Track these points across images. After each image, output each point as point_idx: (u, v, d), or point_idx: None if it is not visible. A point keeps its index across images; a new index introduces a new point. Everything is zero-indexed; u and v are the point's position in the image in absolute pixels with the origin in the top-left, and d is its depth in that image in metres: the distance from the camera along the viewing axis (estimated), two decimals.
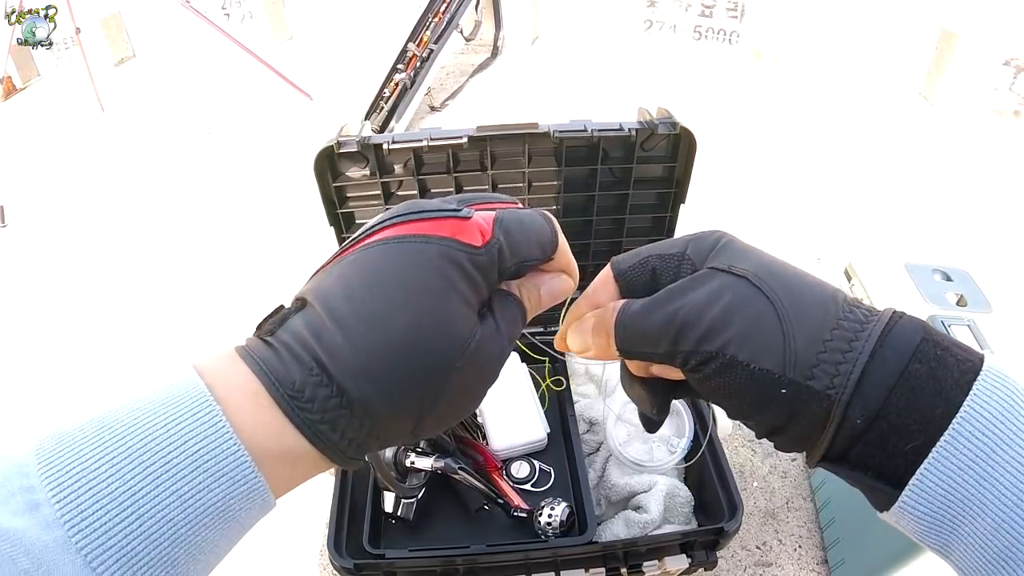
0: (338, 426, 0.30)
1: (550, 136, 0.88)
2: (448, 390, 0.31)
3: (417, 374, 0.30)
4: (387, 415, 0.30)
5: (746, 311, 0.32)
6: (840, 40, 2.78)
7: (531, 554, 0.81)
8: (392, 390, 0.30)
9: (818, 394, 0.30)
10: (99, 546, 0.25)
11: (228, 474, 0.28)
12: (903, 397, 0.29)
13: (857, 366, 0.30)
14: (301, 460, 0.30)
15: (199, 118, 2.80)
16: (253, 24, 3.40)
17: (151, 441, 0.27)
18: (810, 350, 0.31)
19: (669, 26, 3.14)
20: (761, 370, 0.31)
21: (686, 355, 0.33)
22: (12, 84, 3.07)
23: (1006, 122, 2.51)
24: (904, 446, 0.29)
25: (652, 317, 0.34)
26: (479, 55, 3.15)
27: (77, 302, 1.94)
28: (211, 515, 0.28)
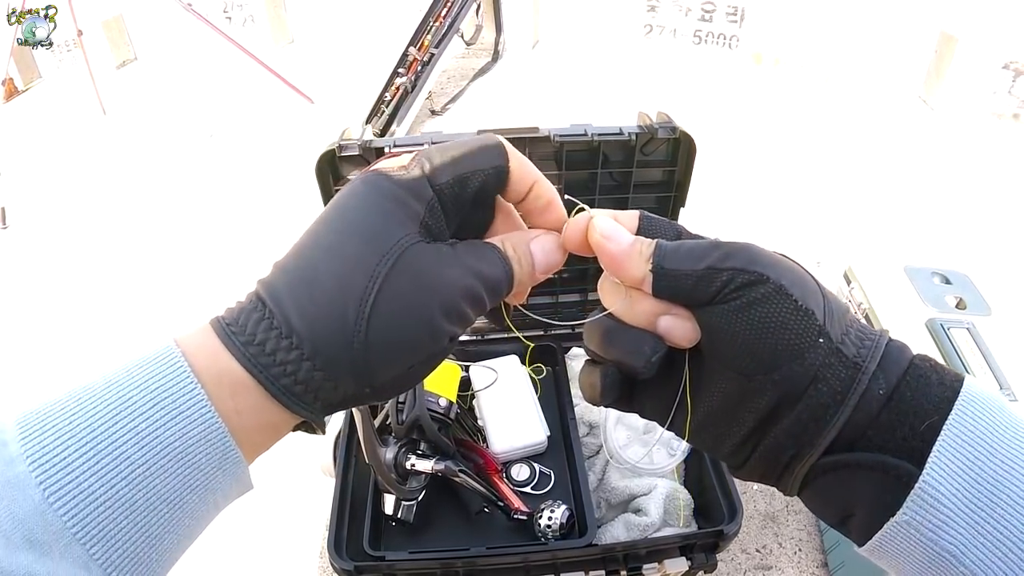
0: (269, 348, 0.30)
1: (550, 140, 0.88)
2: (375, 299, 0.30)
3: (337, 280, 0.30)
4: (312, 325, 0.30)
5: (791, 264, 0.32)
6: (840, 44, 2.79)
7: (531, 557, 0.81)
8: (314, 297, 0.30)
9: (846, 360, 0.30)
10: (56, 482, 0.26)
11: (184, 412, 0.28)
12: (914, 381, 0.30)
13: (880, 344, 0.31)
14: (244, 390, 0.30)
15: (200, 121, 2.81)
16: (254, 27, 3.41)
17: (115, 385, 0.29)
18: (840, 321, 0.31)
19: (669, 30, 3.14)
20: (808, 308, 0.31)
21: (732, 273, 0.31)
22: (14, 86, 3.07)
23: (1005, 125, 2.52)
24: (920, 424, 0.29)
25: (699, 242, 0.33)
26: (480, 59, 3.15)
27: (78, 304, 1.94)
28: (169, 457, 0.28)
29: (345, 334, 0.30)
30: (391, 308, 0.31)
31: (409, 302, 0.31)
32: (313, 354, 0.30)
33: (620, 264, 0.34)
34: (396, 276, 0.31)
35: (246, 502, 0.35)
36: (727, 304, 0.31)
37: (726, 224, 1.99)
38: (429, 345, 0.32)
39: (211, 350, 0.30)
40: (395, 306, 0.31)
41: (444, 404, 0.88)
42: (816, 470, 0.31)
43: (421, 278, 0.31)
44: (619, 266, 0.34)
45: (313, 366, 0.30)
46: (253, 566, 1.29)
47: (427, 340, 0.32)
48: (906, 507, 0.29)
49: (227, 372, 0.30)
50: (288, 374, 0.30)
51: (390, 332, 0.31)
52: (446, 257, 0.33)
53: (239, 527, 1.32)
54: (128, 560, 0.28)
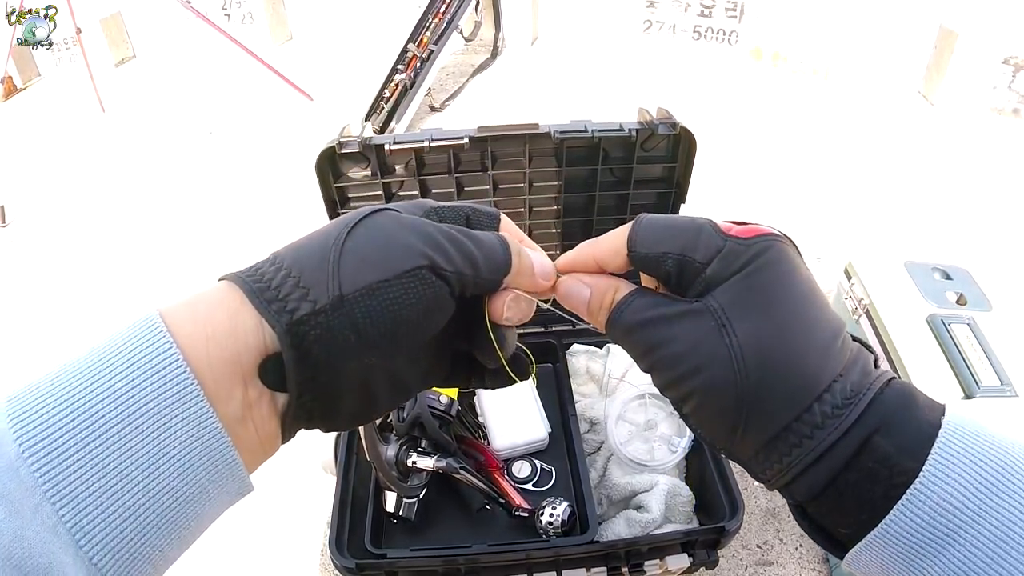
0: (250, 268, 0.33)
1: (551, 136, 0.88)
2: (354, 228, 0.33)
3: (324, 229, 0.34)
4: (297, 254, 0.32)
5: (711, 389, 0.31)
6: (839, 39, 2.78)
7: (532, 554, 0.81)
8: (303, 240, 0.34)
9: (753, 472, 0.32)
10: (32, 437, 0.26)
11: (160, 372, 0.28)
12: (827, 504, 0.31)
13: (789, 472, 0.30)
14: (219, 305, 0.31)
15: (199, 119, 2.80)
16: (253, 25, 3.40)
17: (97, 349, 0.29)
18: (757, 441, 0.31)
19: (668, 26, 3.14)
20: (706, 439, 0.33)
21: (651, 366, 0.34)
22: (13, 84, 3.07)
23: (1005, 120, 2.51)
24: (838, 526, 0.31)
25: (641, 333, 0.34)
26: (479, 56, 3.15)
27: (78, 302, 1.94)
28: (143, 417, 0.27)
29: (324, 248, 0.32)
30: (370, 230, 0.33)
31: (386, 224, 0.33)
32: (292, 267, 0.32)
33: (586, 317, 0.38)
34: (381, 214, 0.34)
35: (247, 500, 0.34)
36: None
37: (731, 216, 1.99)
38: (400, 257, 0.32)
39: (195, 292, 0.32)
40: (373, 229, 0.33)
41: (445, 401, 0.88)
42: None
43: (401, 216, 0.34)
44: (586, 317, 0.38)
45: (288, 274, 0.31)
46: (254, 564, 1.29)
47: (399, 252, 0.32)
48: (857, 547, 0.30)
49: (209, 294, 0.32)
50: (263, 280, 0.31)
51: (364, 244, 0.32)
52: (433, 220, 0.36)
53: (240, 525, 1.32)
54: (99, 530, 0.26)
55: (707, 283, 0.33)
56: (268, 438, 0.33)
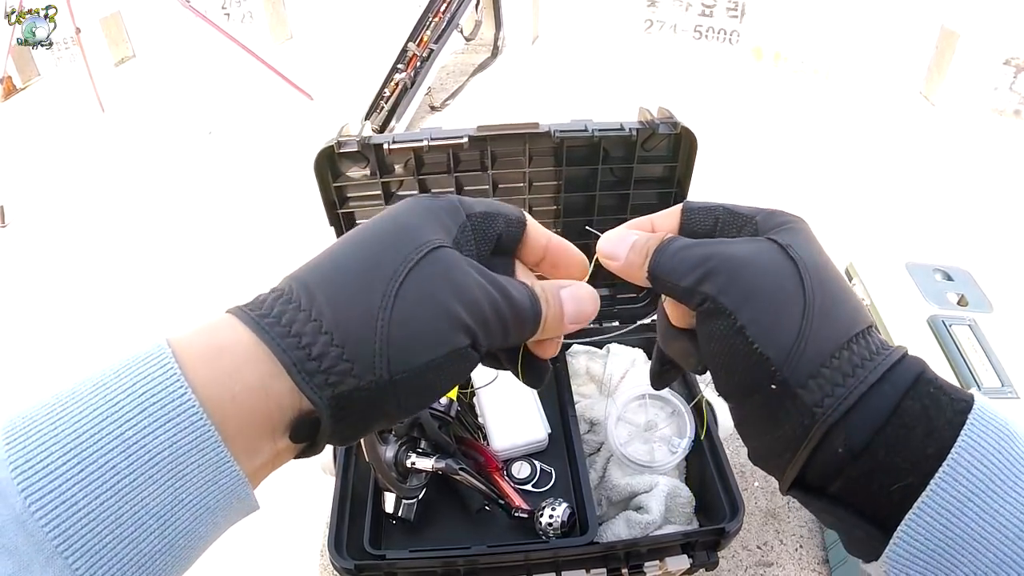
0: (286, 319, 0.29)
1: (551, 136, 0.87)
2: (402, 282, 0.30)
3: (367, 260, 0.31)
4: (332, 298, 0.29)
5: (778, 292, 0.31)
6: (840, 39, 2.78)
7: (532, 555, 0.80)
8: (339, 277, 0.30)
9: (804, 407, 0.29)
10: (39, 489, 0.24)
11: (174, 419, 0.26)
12: (893, 433, 0.28)
13: (854, 393, 0.29)
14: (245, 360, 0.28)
15: (199, 118, 2.80)
16: (253, 24, 3.40)
17: (102, 387, 0.27)
18: (815, 360, 0.29)
19: (669, 26, 3.14)
20: (760, 354, 0.30)
21: (702, 298, 0.32)
22: (12, 84, 3.07)
23: (1006, 122, 2.51)
24: (891, 485, 0.28)
25: (692, 250, 0.34)
26: (479, 55, 3.15)
27: (77, 302, 1.94)
28: (158, 467, 0.26)
29: (370, 311, 0.29)
30: (420, 292, 0.30)
31: (435, 290, 0.31)
32: (333, 328, 0.29)
33: (625, 275, 0.37)
34: (428, 263, 0.31)
35: None
36: (700, 324, 0.33)
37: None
38: (449, 337, 0.31)
39: (212, 327, 0.29)
40: (421, 291, 0.30)
41: (444, 402, 0.88)
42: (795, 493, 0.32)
43: (450, 272, 0.31)
44: (625, 276, 0.37)
45: (331, 340, 0.29)
46: (253, 565, 1.29)
47: (447, 330, 0.31)
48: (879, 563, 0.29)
49: (232, 344, 0.28)
50: (303, 346, 0.28)
51: (414, 316, 0.30)
52: (475, 266, 0.33)
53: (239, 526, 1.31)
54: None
55: (754, 231, 0.35)
56: (280, 465, 0.33)
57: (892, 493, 0.28)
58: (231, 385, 0.28)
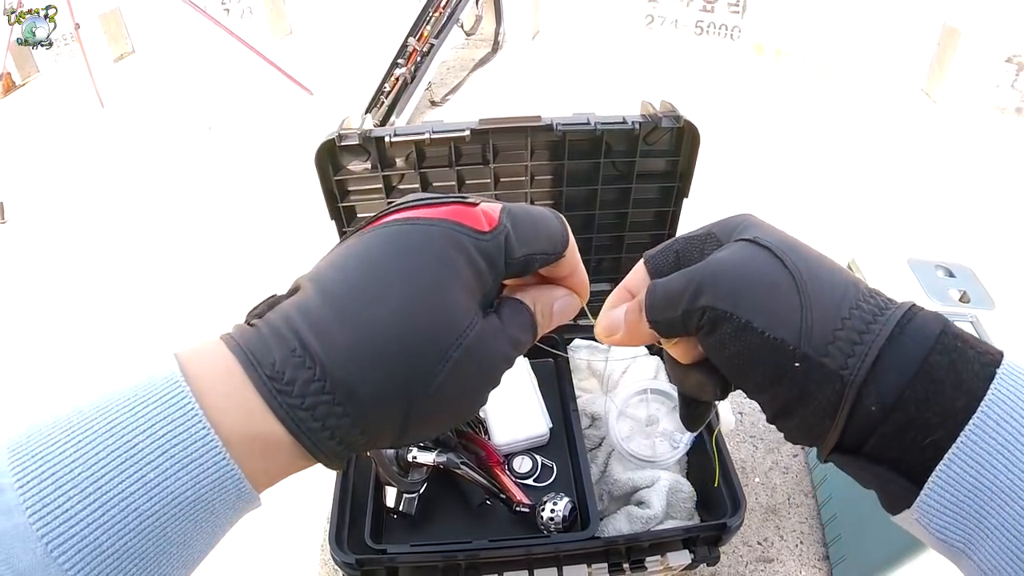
0: (319, 414, 0.28)
1: (553, 129, 0.87)
2: (440, 381, 0.29)
3: (408, 358, 0.29)
4: (372, 401, 0.28)
5: (765, 279, 0.32)
6: (842, 36, 2.77)
7: (533, 549, 0.80)
8: (379, 374, 0.28)
9: (831, 373, 0.30)
10: (60, 534, 0.24)
11: (196, 460, 0.26)
12: (922, 388, 0.28)
13: (873, 348, 0.29)
14: (278, 450, 0.28)
15: (199, 114, 2.79)
16: (253, 19, 3.39)
17: (118, 426, 0.26)
18: (826, 326, 0.30)
19: (671, 21, 3.13)
20: (775, 339, 0.30)
21: (702, 312, 0.32)
22: (11, 80, 3.06)
23: (1008, 119, 2.51)
24: (923, 439, 0.28)
25: (674, 279, 0.35)
26: (480, 50, 3.14)
27: (77, 298, 1.94)
28: (181, 506, 0.26)
29: (397, 416, 0.29)
30: (447, 398, 0.30)
31: (468, 389, 0.32)
32: (361, 421, 0.29)
33: (634, 340, 0.38)
34: (461, 363, 0.30)
35: None
36: (706, 341, 0.34)
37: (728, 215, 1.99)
38: (470, 415, 0.34)
39: (238, 397, 0.28)
40: (453, 395, 0.31)
41: None
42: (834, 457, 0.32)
43: (482, 361, 0.31)
44: (634, 341, 0.38)
45: (358, 430, 0.29)
46: (254, 560, 1.29)
47: (470, 412, 0.34)
48: (911, 511, 0.30)
49: (259, 431, 0.28)
50: (327, 428, 0.28)
51: (432, 422, 0.31)
52: (498, 332, 0.33)
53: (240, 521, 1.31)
54: None
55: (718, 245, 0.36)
56: None
57: (925, 447, 0.28)
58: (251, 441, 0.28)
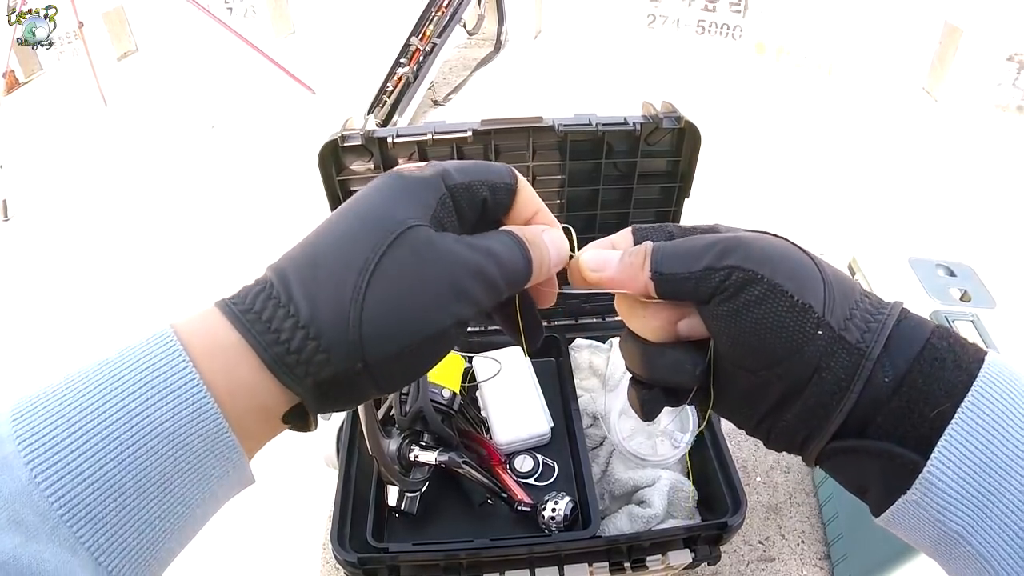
0: (267, 315, 0.30)
1: (555, 130, 0.87)
2: (380, 271, 0.30)
3: (338, 253, 0.31)
4: (308, 296, 0.30)
5: (788, 254, 0.32)
6: (843, 35, 2.77)
7: (535, 548, 0.81)
8: (312, 271, 0.31)
9: (849, 346, 0.31)
10: (44, 461, 0.26)
11: (175, 391, 0.28)
12: (928, 364, 0.30)
13: (887, 325, 0.31)
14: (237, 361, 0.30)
15: (202, 112, 2.80)
16: (256, 18, 3.39)
17: (107, 365, 0.28)
18: (844, 305, 0.31)
19: (672, 20, 3.13)
20: (804, 304, 0.31)
21: (729, 272, 0.32)
22: (15, 78, 3.06)
23: (1009, 118, 2.50)
24: (930, 412, 0.29)
25: (696, 240, 0.34)
26: (482, 49, 3.14)
27: (80, 296, 1.94)
28: (159, 437, 0.27)
29: (342, 303, 0.30)
30: (391, 279, 0.31)
31: (411, 275, 0.31)
32: (309, 322, 0.30)
33: (621, 284, 0.35)
34: (399, 247, 0.31)
35: (249, 494, 0.35)
36: (725, 306, 0.32)
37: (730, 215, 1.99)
38: (429, 323, 0.31)
39: (208, 325, 0.30)
40: (396, 278, 0.31)
41: (447, 395, 0.88)
42: (829, 451, 0.32)
43: (425, 252, 0.31)
44: (621, 286, 0.35)
45: (307, 334, 0.30)
46: (256, 558, 1.29)
47: (425, 316, 0.31)
48: (913, 490, 0.30)
49: (222, 344, 0.30)
50: (281, 342, 0.30)
51: (385, 307, 0.30)
52: (455, 240, 0.33)
53: (242, 519, 1.32)
54: (117, 544, 0.27)
55: None
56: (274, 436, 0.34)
57: (932, 419, 0.29)
58: (228, 383, 0.29)
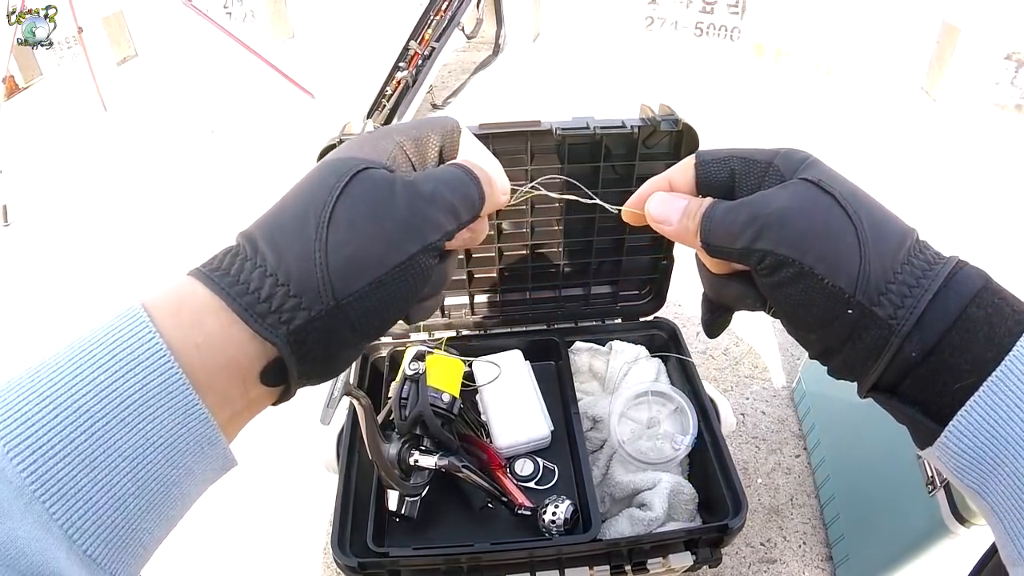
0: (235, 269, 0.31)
1: (552, 133, 0.87)
2: (338, 209, 0.32)
3: (298, 206, 0.33)
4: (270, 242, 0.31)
5: (829, 228, 0.33)
6: (842, 35, 2.77)
7: (535, 552, 0.80)
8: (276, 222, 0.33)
9: (880, 321, 0.32)
10: (17, 434, 0.26)
11: (143, 363, 0.28)
12: (958, 337, 0.31)
13: (921, 302, 0.31)
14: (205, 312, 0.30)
15: (201, 117, 2.80)
16: (255, 23, 3.40)
17: (78, 341, 0.29)
18: (881, 278, 0.32)
19: (670, 23, 3.13)
20: (834, 286, 0.32)
21: (762, 255, 0.34)
22: (15, 83, 3.07)
23: (1008, 116, 2.51)
24: (953, 384, 0.30)
25: (737, 212, 0.35)
26: (481, 52, 3.14)
27: (80, 301, 1.94)
28: (128, 409, 0.27)
29: (306, 245, 0.31)
30: (351, 216, 0.32)
31: (369, 209, 0.32)
32: (276, 269, 0.30)
33: (679, 241, 0.39)
34: (355, 185, 0.33)
35: (250, 498, 0.35)
36: (762, 280, 0.35)
37: None
38: (393, 251, 0.32)
39: (177, 290, 0.31)
40: (355, 213, 0.32)
41: (447, 399, 0.88)
42: (869, 395, 0.34)
43: (381, 187, 0.33)
44: (680, 242, 0.39)
45: (276, 281, 0.30)
46: (257, 563, 1.29)
47: (389, 246, 0.32)
48: (934, 448, 0.32)
49: (190, 304, 0.30)
50: (251, 292, 0.30)
51: (348, 240, 0.31)
52: (408, 174, 0.35)
53: (243, 524, 1.32)
54: (91, 523, 0.27)
55: (779, 177, 0.36)
56: (257, 412, 0.34)
57: (954, 392, 0.30)
58: (194, 336, 0.29)
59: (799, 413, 1.52)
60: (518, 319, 1.07)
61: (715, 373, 1.59)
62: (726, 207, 0.36)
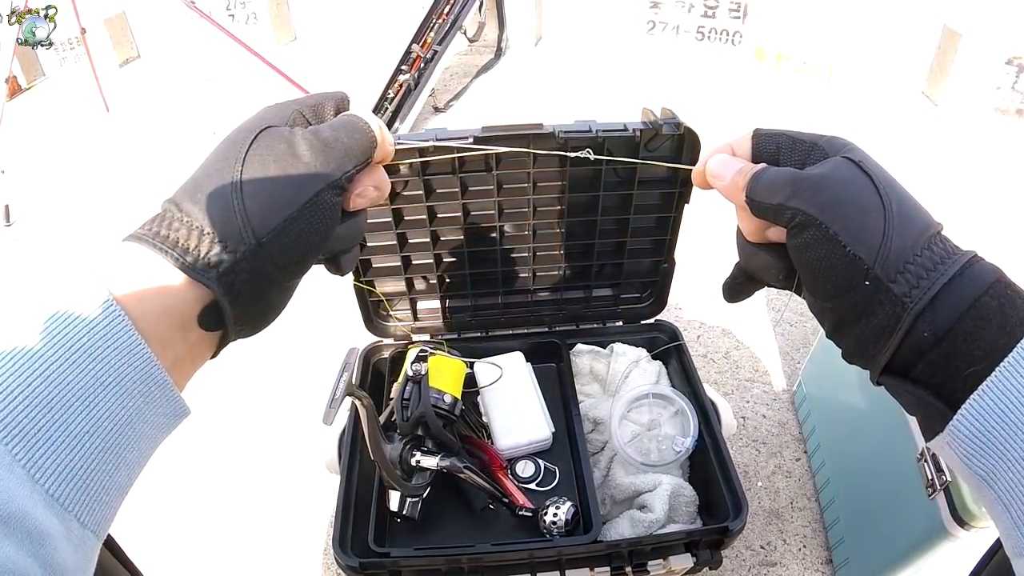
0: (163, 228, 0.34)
1: (555, 136, 0.88)
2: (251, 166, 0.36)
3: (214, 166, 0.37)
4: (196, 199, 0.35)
5: (860, 200, 0.35)
6: (843, 40, 2.78)
7: (536, 553, 0.81)
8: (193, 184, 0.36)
9: (894, 298, 0.33)
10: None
11: (87, 305, 0.30)
12: (971, 323, 0.32)
13: (936, 284, 0.32)
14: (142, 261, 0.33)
15: (204, 118, 2.81)
16: (257, 25, 3.41)
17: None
18: (900, 258, 0.33)
19: (672, 27, 3.14)
20: (854, 255, 0.34)
21: (794, 212, 0.36)
22: (17, 84, 3.07)
23: (1009, 121, 2.51)
24: (966, 369, 0.31)
25: (780, 174, 0.39)
26: (483, 56, 3.15)
27: None
28: (76, 350, 0.29)
29: (224, 198, 0.35)
30: (261, 164, 0.36)
31: (276, 156, 0.36)
32: (202, 222, 0.34)
33: (729, 196, 0.43)
34: (263, 139, 0.37)
35: (250, 498, 0.35)
36: (791, 240, 0.38)
37: (730, 221, 1.99)
38: (301, 190, 0.36)
39: (113, 252, 0.34)
40: (264, 162, 0.36)
41: (449, 401, 0.88)
42: (880, 380, 0.36)
43: (285, 138, 0.38)
44: (729, 197, 0.43)
45: (202, 231, 0.34)
46: (259, 563, 1.29)
47: (297, 186, 0.36)
48: (944, 433, 0.32)
49: (129, 258, 0.33)
50: (181, 245, 0.34)
51: (261, 185, 0.36)
52: (304, 130, 0.39)
53: (244, 524, 1.32)
54: (51, 460, 0.28)
55: (824, 155, 0.39)
56: (200, 361, 0.37)
57: (966, 377, 0.31)
58: (133, 287, 0.32)
59: (799, 417, 1.52)
60: (519, 321, 1.08)
61: (716, 376, 1.60)
62: (774, 170, 0.40)
